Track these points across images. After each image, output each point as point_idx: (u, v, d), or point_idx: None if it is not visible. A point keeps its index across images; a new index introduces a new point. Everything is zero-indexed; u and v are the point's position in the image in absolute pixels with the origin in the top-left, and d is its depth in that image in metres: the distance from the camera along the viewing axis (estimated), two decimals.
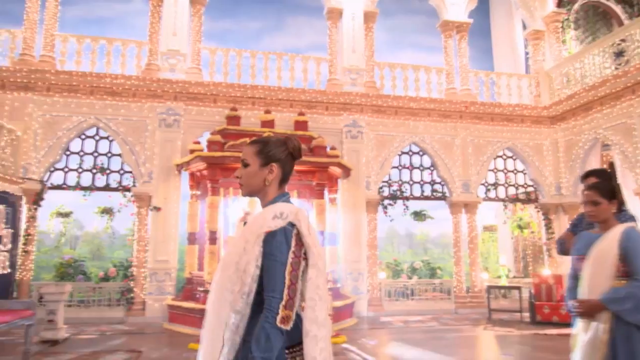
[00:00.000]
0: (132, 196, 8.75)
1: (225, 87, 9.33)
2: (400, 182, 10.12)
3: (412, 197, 10.14)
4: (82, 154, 8.90)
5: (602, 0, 11.25)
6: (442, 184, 10.28)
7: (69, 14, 10.48)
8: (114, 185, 8.89)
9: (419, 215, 10.07)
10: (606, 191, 2.68)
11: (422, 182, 10.31)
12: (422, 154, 10.32)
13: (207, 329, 1.67)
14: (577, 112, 10.11)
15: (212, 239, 7.72)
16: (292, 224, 1.69)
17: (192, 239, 8.53)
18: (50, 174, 8.67)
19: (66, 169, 8.80)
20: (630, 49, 9.00)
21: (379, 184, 9.85)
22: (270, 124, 8.84)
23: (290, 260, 1.64)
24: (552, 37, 11.31)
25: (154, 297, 8.43)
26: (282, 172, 1.83)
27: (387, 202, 9.85)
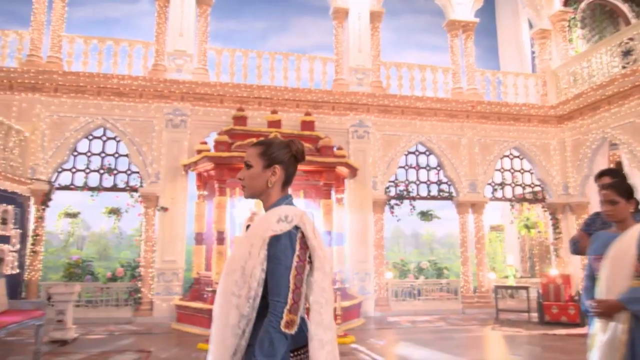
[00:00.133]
0: (139, 196, 8.77)
1: (231, 88, 9.34)
2: (406, 182, 10.10)
3: (418, 197, 10.11)
4: (89, 154, 8.93)
5: None
6: (449, 183, 10.25)
7: (75, 15, 10.51)
8: (121, 185, 8.91)
9: (426, 215, 10.05)
10: (624, 190, 2.66)
11: (428, 182, 10.29)
12: (428, 153, 10.30)
13: (215, 334, 1.66)
14: (584, 112, 10.07)
15: (220, 239, 7.72)
16: (297, 227, 1.68)
17: (199, 239, 8.54)
18: (58, 174, 8.70)
19: (74, 170, 8.83)
20: (638, 47, 8.95)
21: (386, 184, 9.84)
22: (277, 124, 8.84)
23: (295, 264, 1.63)
24: (559, 36, 11.27)
25: (161, 297, 8.44)
26: (285, 174, 1.82)
27: (393, 202, 9.84)
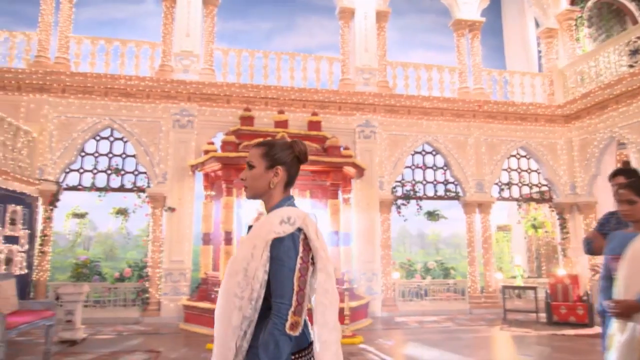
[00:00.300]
0: (146, 197, 8.78)
1: (238, 88, 9.34)
2: (413, 182, 10.08)
3: (425, 197, 10.09)
4: (97, 155, 8.95)
5: None
6: (456, 183, 10.23)
7: (81, 16, 10.55)
8: (128, 186, 8.93)
9: (433, 215, 10.02)
10: None
11: (435, 182, 10.26)
12: (435, 153, 10.28)
13: (217, 335, 1.65)
14: (592, 111, 10.02)
15: (228, 239, 7.72)
16: (299, 229, 1.67)
17: (206, 240, 8.54)
18: (65, 175, 8.72)
19: (81, 170, 8.86)
20: None
21: (392, 184, 9.82)
22: (283, 124, 8.84)
23: (298, 266, 1.63)
24: (566, 35, 11.22)
25: (169, 298, 8.45)
26: (287, 176, 1.82)
27: (400, 202, 9.82)
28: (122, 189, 8.92)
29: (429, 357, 6.08)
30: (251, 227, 1.77)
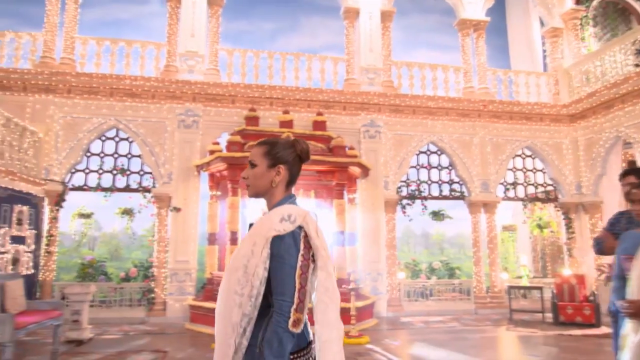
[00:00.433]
0: (152, 197, 8.80)
1: (243, 88, 9.35)
2: (418, 182, 10.06)
3: (430, 196, 10.07)
4: (102, 155, 8.97)
5: None
6: (461, 183, 10.21)
7: (86, 17, 10.56)
8: (134, 186, 8.94)
9: (438, 215, 10.01)
10: None
11: (440, 182, 10.25)
12: (440, 153, 10.26)
13: (218, 332, 1.65)
14: (597, 110, 9.98)
15: (233, 239, 7.72)
16: (300, 227, 1.67)
17: (212, 240, 8.54)
18: (71, 175, 8.75)
19: (87, 171, 8.88)
20: None
21: (397, 184, 9.80)
22: (288, 124, 8.84)
23: (299, 263, 1.63)
24: (571, 35, 11.19)
25: (174, 298, 8.46)
26: (289, 174, 1.82)
27: (405, 201, 9.81)
28: (127, 189, 8.94)
29: (436, 358, 6.06)
30: (252, 225, 1.77)
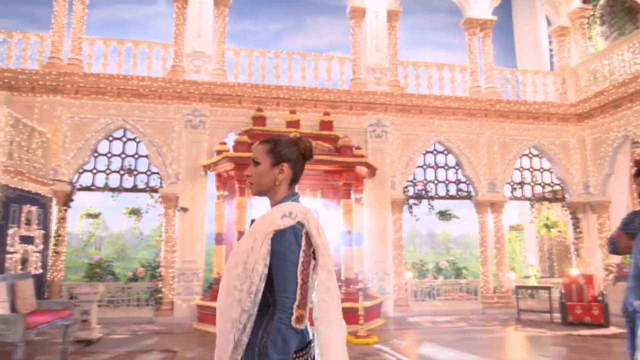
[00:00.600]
0: (159, 197, 8.81)
1: (249, 88, 9.35)
2: (425, 182, 10.04)
3: (437, 196, 10.05)
4: (109, 155, 8.99)
5: None
6: (468, 183, 10.18)
7: (93, 17, 10.58)
8: (141, 186, 8.96)
9: (444, 214, 9.99)
10: None
11: (447, 182, 10.22)
12: (447, 153, 10.24)
13: (218, 328, 1.65)
14: (605, 109, 9.94)
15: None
16: (301, 224, 1.65)
17: (219, 239, 8.54)
18: (79, 175, 8.78)
19: (94, 171, 8.91)
20: None
21: (404, 184, 9.79)
22: (295, 124, 8.84)
23: (301, 259, 1.61)
24: (578, 34, 11.14)
25: (182, 298, 8.47)
26: (292, 172, 1.81)
27: (412, 201, 9.79)
28: (134, 189, 8.96)
29: (445, 358, 6.04)
30: (254, 221, 1.76)
